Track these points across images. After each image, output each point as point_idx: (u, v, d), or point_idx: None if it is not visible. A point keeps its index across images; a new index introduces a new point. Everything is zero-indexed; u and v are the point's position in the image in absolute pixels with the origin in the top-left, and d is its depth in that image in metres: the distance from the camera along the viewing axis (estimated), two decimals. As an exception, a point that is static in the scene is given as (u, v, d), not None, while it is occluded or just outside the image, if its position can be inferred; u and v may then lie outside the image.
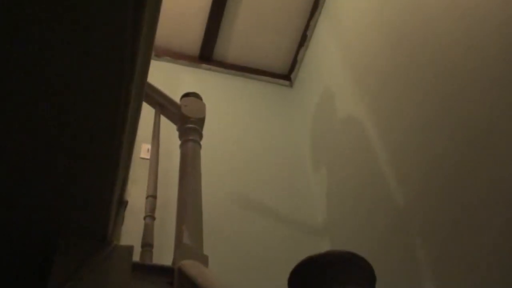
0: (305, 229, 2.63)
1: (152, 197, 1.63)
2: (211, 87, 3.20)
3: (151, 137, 1.81)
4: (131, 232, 1.85)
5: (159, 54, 3.22)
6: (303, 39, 3.37)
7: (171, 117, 1.92)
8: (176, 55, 3.33)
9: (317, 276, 0.82)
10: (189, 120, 1.84)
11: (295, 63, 3.47)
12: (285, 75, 3.55)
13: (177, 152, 1.85)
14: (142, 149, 2.63)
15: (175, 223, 1.58)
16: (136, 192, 2.20)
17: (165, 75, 3.10)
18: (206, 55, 3.38)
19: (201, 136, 1.87)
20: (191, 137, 1.81)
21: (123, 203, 1.57)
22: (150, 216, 1.58)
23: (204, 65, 3.37)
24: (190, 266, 1.30)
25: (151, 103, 1.89)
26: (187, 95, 1.94)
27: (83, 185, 1.02)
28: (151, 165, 1.71)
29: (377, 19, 2.46)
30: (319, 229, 2.63)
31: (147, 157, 2.49)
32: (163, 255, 1.75)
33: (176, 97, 1.96)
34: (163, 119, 1.91)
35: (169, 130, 2.08)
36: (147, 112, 1.71)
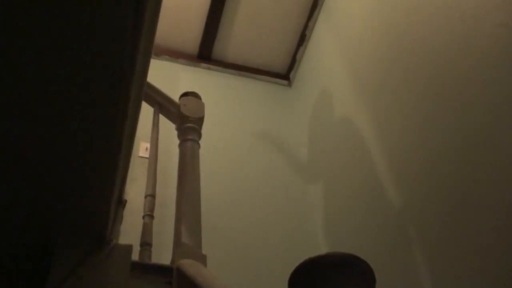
0: (302, 228, 2.63)
1: (151, 196, 1.63)
2: (210, 86, 3.21)
3: (150, 136, 1.81)
4: (129, 230, 1.85)
5: (158, 53, 3.22)
6: (302, 39, 3.37)
7: (170, 116, 1.92)
8: (175, 54, 3.32)
9: (318, 277, 0.82)
10: (188, 119, 1.84)
11: (294, 63, 3.47)
12: (284, 75, 3.55)
13: (176, 151, 1.86)
14: (140, 147, 2.63)
15: (174, 222, 1.59)
16: (134, 190, 2.20)
17: (164, 74, 3.10)
18: (205, 54, 3.38)
19: (200, 135, 1.87)
20: (190, 137, 1.81)
21: (122, 202, 1.57)
22: (149, 215, 1.59)
23: (203, 64, 3.37)
24: (188, 265, 1.30)
25: (150, 102, 1.90)
26: (186, 95, 1.95)
27: (83, 184, 1.02)
28: (150, 164, 1.72)
29: (376, 19, 2.46)
30: (317, 229, 2.64)
31: (146, 155, 2.50)
32: (162, 254, 1.75)
33: (174, 95, 1.96)
34: (162, 118, 1.91)
35: (168, 129, 2.08)
36: (145, 110, 1.71)
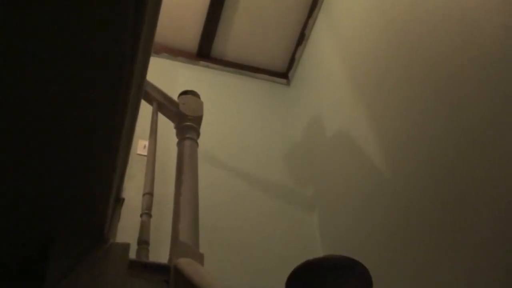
0: (301, 228, 2.64)
1: (149, 194, 1.63)
2: (209, 84, 3.20)
3: (149, 134, 1.81)
4: (127, 229, 1.85)
5: (157, 50, 3.21)
6: (301, 38, 3.37)
7: (168, 114, 1.92)
8: (174, 52, 3.32)
9: (315, 280, 0.83)
10: (186, 118, 1.85)
11: (293, 62, 3.48)
12: (283, 74, 3.56)
13: (174, 149, 1.86)
14: (139, 145, 2.63)
15: (172, 220, 1.59)
16: (132, 188, 2.20)
17: (163, 72, 3.10)
18: (204, 52, 3.38)
19: (198, 134, 1.88)
20: (188, 135, 1.82)
21: (119, 200, 1.57)
22: (146, 213, 1.59)
23: (202, 62, 3.37)
24: (186, 264, 1.31)
25: (149, 100, 1.90)
26: (185, 93, 1.95)
27: (81, 182, 1.02)
28: (148, 163, 1.72)
29: (375, 18, 2.46)
30: (314, 227, 2.64)
31: (144, 153, 2.50)
32: (160, 253, 1.75)
33: (173, 93, 1.96)
34: (161, 116, 1.91)
35: (167, 127, 2.08)
36: (144, 108, 1.71)
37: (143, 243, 1.51)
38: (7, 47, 0.70)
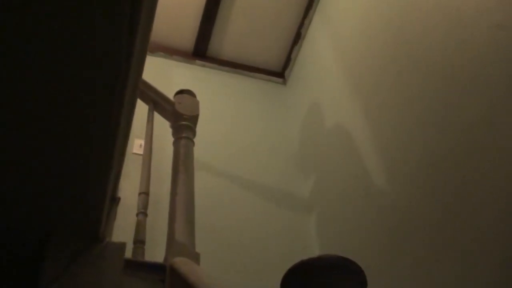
0: (297, 227, 2.64)
1: (144, 194, 1.63)
2: (205, 84, 3.20)
3: (145, 134, 1.81)
4: (123, 228, 1.85)
5: (153, 49, 3.21)
6: (297, 37, 3.38)
7: (164, 114, 1.92)
8: (170, 51, 3.32)
9: (309, 280, 0.83)
10: (182, 117, 1.84)
11: (289, 61, 3.48)
12: (279, 73, 3.56)
13: (170, 148, 1.85)
14: (135, 144, 2.62)
15: (167, 220, 1.58)
16: (128, 187, 2.20)
17: (159, 71, 3.09)
18: (200, 51, 3.37)
19: (194, 133, 1.87)
20: (184, 135, 1.81)
21: (115, 200, 1.57)
22: (142, 212, 1.59)
23: (198, 61, 3.37)
24: (181, 263, 1.30)
25: (145, 99, 1.89)
26: (181, 92, 1.95)
27: (77, 182, 1.01)
28: (144, 162, 1.71)
29: (371, 18, 2.47)
30: (311, 226, 2.64)
31: (140, 152, 2.49)
32: (155, 252, 1.75)
33: (169, 92, 1.96)
34: (157, 115, 1.91)
35: (162, 126, 2.07)
36: (140, 107, 1.70)
37: (139, 242, 1.51)
38: (7, 47, 0.69)
